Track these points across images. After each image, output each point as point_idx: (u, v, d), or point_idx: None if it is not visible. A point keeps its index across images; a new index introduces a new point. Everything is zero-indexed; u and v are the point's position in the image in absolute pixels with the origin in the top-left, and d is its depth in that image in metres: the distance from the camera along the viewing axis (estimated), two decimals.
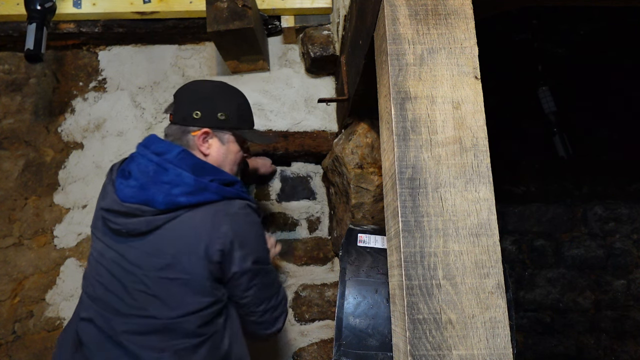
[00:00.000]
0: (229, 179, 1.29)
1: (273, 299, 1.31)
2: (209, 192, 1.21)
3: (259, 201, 2.00)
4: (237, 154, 1.39)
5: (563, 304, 2.76)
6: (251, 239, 1.26)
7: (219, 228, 1.19)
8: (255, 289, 1.27)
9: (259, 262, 1.27)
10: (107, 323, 1.20)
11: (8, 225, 1.88)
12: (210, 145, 1.33)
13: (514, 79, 2.65)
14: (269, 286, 1.31)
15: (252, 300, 1.28)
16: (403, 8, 0.83)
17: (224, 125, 1.34)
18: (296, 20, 1.92)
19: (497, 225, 0.75)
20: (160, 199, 1.18)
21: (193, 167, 1.23)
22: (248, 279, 1.25)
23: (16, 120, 1.97)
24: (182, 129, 1.32)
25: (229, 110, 1.35)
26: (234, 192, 1.27)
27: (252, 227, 1.28)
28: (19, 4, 1.82)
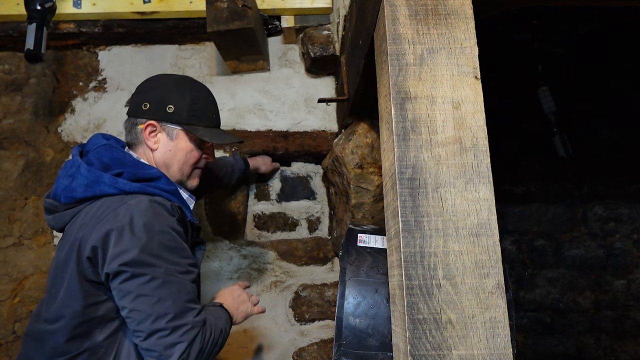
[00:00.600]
0: (146, 175, 1.17)
1: (164, 319, 1.03)
2: (102, 185, 1.11)
3: (259, 201, 2.00)
4: (189, 153, 1.27)
5: (563, 304, 2.76)
6: (134, 234, 1.04)
7: (100, 221, 1.06)
8: (132, 297, 1.04)
9: (138, 263, 1.03)
10: (29, 324, 1.19)
11: (8, 225, 1.88)
12: (157, 139, 1.24)
13: (514, 79, 2.65)
14: (157, 299, 1.04)
15: (131, 314, 1.05)
16: (403, 8, 0.83)
17: (171, 118, 1.23)
18: (296, 20, 1.92)
19: (497, 225, 0.75)
20: (60, 191, 1.16)
21: (109, 160, 1.17)
22: (120, 283, 1.04)
23: (16, 120, 1.97)
24: (131, 121, 1.25)
25: (180, 103, 1.24)
26: (137, 187, 1.12)
27: (144, 222, 1.06)
28: (19, 4, 1.82)
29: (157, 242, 1.06)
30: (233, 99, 1.97)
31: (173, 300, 1.05)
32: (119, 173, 1.14)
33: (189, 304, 1.08)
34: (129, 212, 1.06)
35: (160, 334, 1.03)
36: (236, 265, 1.90)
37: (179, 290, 1.07)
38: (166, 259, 1.06)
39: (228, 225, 1.91)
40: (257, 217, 1.99)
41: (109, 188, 1.11)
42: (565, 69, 2.69)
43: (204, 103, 1.30)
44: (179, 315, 1.05)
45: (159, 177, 1.19)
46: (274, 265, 1.91)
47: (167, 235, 1.08)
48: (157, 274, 1.04)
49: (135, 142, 1.26)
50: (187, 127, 1.24)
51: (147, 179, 1.17)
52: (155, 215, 1.08)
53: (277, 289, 1.89)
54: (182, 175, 1.28)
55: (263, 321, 1.84)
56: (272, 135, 1.94)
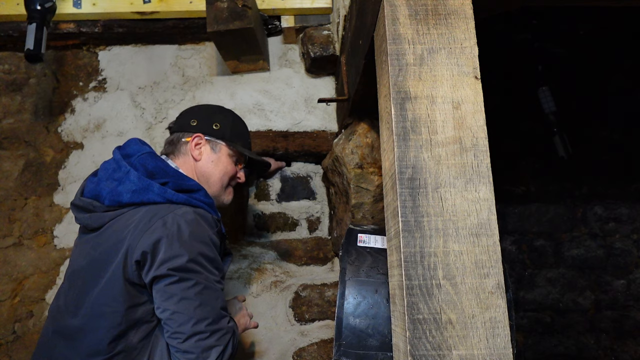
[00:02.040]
0: (187, 186, 1.24)
1: (204, 322, 1.10)
2: (151, 193, 1.18)
3: (259, 201, 2.00)
4: (229, 165, 1.41)
5: (563, 304, 2.76)
6: (182, 242, 1.11)
7: (149, 228, 1.12)
8: (176, 300, 1.10)
9: (186, 269, 1.10)
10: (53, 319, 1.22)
11: (8, 225, 1.88)
12: (202, 152, 1.37)
13: (514, 79, 2.65)
14: (198, 303, 1.11)
15: (173, 316, 1.10)
16: (403, 8, 0.83)
17: (217, 134, 1.39)
18: (296, 20, 1.92)
19: (497, 225, 0.75)
20: (105, 194, 1.20)
21: (153, 169, 1.24)
22: (166, 285, 1.10)
23: (16, 120, 1.97)
24: (178, 135, 1.38)
25: (224, 122, 1.41)
26: (183, 198, 1.20)
27: (190, 232, 1.13)
28: (19, 4, 1.82)
29: (201, 252, 1.14)
30: (233, 99, 1.97)
31: (212, 306, 1.13)
32: (165, 182, 1.22)
33: (223, 310, 1.17)
34: (176, 221, 1.13)
35: (200, 337, 1.10)
36: (236, 265, 1.90)
37: (216, 298, 1.15)
38: (206, 268, 1.15)
39: (228, 225, 1.91)
40: (257, 217, 1.99)
41: (157, 197, 1.18)
42: (565, 69, 2.68)
43: (243, 127, 1.49)
44: (216, 320, 1.13)
45: (199, 189, 1.27)
46: (274, 265, 1.92)
47: (208, 247, 1.17)
48: (200, 280, 1.12)
49: (176, 153, 1.38)
50: (230, 143, 1.40)
51: (189, 190, 1.25)
52: (199, 226, 1.17)
53: (277, 289, 1.89)
54: (222, 185, 1.40)
55: (263, 321, 1.84)
56: (272, 135, 1.94)
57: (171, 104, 1.97)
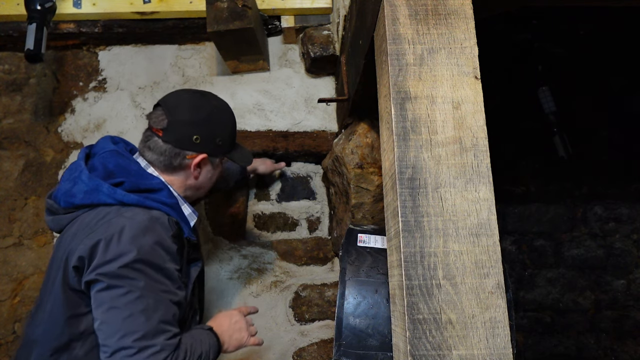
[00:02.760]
0: (146, 185, 1.15)
1: (132, 336, 0.98)
2: (101, 194, 1.10)
3: (259, 201, 2.00)
4: (218, 173, 1.34)
5: (563, 304, 2.76)
6: (119, 246, 1.02)
7: (92, 232, 1.05)
8: (105, 309, 1.00)
9: (116, 276, 1.00)
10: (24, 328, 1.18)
11: (8, 225, 1.88)
12: (201, 170, 1.26)
13: (514, 79, 2.65)
14: (128, 314, 0.99)
15: (101, 327, 1.01)
16: (403, 8, 0.83)
17: (219, 151, 1.28)
18: (296, 20, 1.92)
19: (497, 225, 0.75)
20: (60, 195, 1.15)
21: (113, 167, 1.16)
22: (96, 292, 1.01)
23: (16, 120, 1.97)
24: (176, 151, 1.21)
25: (225, 134, 1.28)
26: (134, 199, 1.11)
27: (132, 235, 1.03)
28: (19, 4, 1.82)
29: (141, 257, 1.02)
30: (233, 99, 1.97)
31: (146, 317, 1.00)
32: (120, 182, 1.13)
33: (164, 325, 1.03)
34: (120, 223, 1.05)
35: (126, 352, 0.98)
36: (236, 265, 1.90)
37: (155, 309, 1.02)
38: (147, 275, 1.02)
39: (228, 225, 1.91)
40: (257, 217, 1.99)
41: (107, 198, 1.10)
42: (565, 69, 2.68)
43: (234, 126, 1.35)
44: (149, 335, 0.99)
45: (160, 188, 1.17)
46: (274, 265, 1.91)
47: (154, 252, 1.05)
48: (134, 288, 1.00)
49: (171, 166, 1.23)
50: (229, 155, 1.32)
51: (149, 189, 1.15)
52: (146, 229, 1.06)
53: (277, 289, 1.89)
54: (207, 193, 1.33)
55: (263, 321, 1.84)
56: (272, 135, 1.94)
57: None
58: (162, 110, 1.23)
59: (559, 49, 2.69)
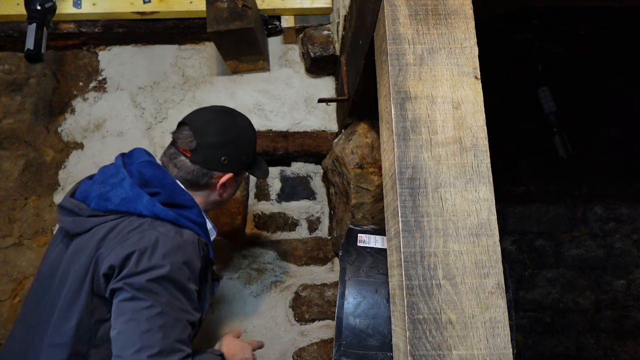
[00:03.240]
0: (180, 200, 1.17)
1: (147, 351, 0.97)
2: (139, 204, 1.10)
3: (259, 201, 2.00)
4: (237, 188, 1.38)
5: (563, 304, 2.76)
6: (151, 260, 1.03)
7: (125, 241, 1.05)
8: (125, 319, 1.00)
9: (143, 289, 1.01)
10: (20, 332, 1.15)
11: (8, 225, 1.88)
12: (226, 189, 1.30)
13: (514, 79, 2.65)
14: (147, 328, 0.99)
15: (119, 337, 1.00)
16: (403, 8, 0.83)
17: (244, 168, 1.32)
18: (296, 20, 1.92)
19: (497, 225, 0.75)
20: (93, 196, 1.14)
21: (149, 177, 1.16)
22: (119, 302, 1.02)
23: (16, 120, 1.97)
24: (203, 171, 1.24)
25: (250, 152, 1.32)
26: (171, 215, 1.12)
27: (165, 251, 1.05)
28: (19, 4, 1.82)
29: (169, 274, 1.03)
30: (233, 99, 1.97)
31: (163, 334, 1.00)
32: (155, 192, 1.14)
33: (179, 344, 1.03)
34: (154, 237, 1.06)
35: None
36: (236, 265, 1.90)
37: (173, 327, 1.02)
38: (171, 293, 1.03)
39: (228, 225, 1.91)
40: (257, 217, 1.99)
41: (144, 209, 1.11)
42: (565, 69, 2.68)
43: (256, 142, 1.38)
44: (164, 353, 0.99)
45: (192, 206, 1.19)
46: (274, 265, 1.91)
47: (182, 272, 1.06)
48: (157, 303, 1.01)
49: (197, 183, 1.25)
50: (250, 171, 1.35)
51: (182, 205, 1.17)
52: (178, 248, 1.07)
53: (277, 289, 1.89)
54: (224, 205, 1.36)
55: (263, 321, 1.84)
56: (272, 135, 1.94)
57: (171, 104, 1.97)
58: (190, 131, 1.24)
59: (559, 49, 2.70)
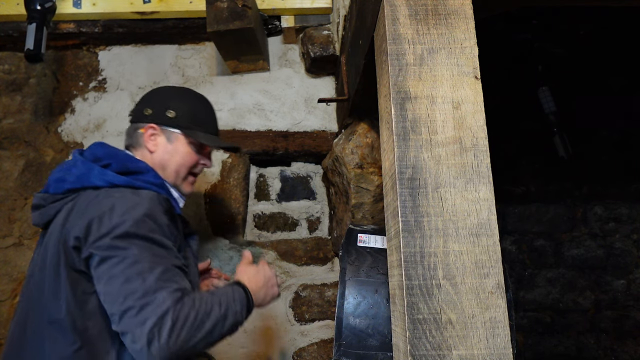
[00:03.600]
0: (134, 167, 1.19)
1: (133, 296, 0.98)
2: (93, 177, 1.13)
3: (259, 201, 2.00)
4: (186, 155, 1.31)
5: (563, 304, 2.76)
6: (112, 220, 1.03)
7: (85, 212, 1.06)
8: (104, 281, 1.01)
9: (110, 247, 1.02)
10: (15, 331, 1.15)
11: (8, 225, 1.88)
12: (156, 142, 1.28)
13: (514, 79, 2.65)
14: (124, 279, 0.99)
15: (106, 298, 1.01)
16: (403, 8, 0.83)
17: (171, 122, 1.29)
18: (296, 20, 1.92)
19: (497, 225, 0.75)
20: (51, 182, 1.19)
21: (101, 154, 1.19)
22: (94, 268, 1.03)
23: (16, 120, 1.97)
24: (134, 126, 1.31)
25: (180, 109, 1.30)
26: (124, 180, 1.14)
27: (123, 211, 1.05)
28: (19, 4, 1.82)
29: (132, 229, 1.03)
30: (233, 99, 1.97)
31: (142, 279, 0.99)
32: (108, 164, 1.16)
33: (163, 282, 1.01)
34: (110, 202, 1.06)
35: (130, 314, 0.97)
36: (236, 265, 1.90)
37: (151, 270, 1.01)
38: (139, 245, 1.03)
39: (228, 225, 1.91)
40: (257, 217, 1.99)
41: (97, 180, 1.12)
42: (565, 69, 2.68)
43: (204, 111, 1.37)
44: (149, 293, 0.98)
45: (148, 170, 1.21)
46: (274, 265, 1.92)
47: (145, 224, 1.05)
48: (127, 256, 1.01)
49: (134, 145, 1.30)
50: (187, 132, 1.30)
51: (137, 171, 1.19)
52: (136, 204, 1.07)
53: None
54: (178, 177, 1.31)
55: (263, 321, 1.84)
56: (272, 135, 1.94)
57: None
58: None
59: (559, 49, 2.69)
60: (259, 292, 1.22)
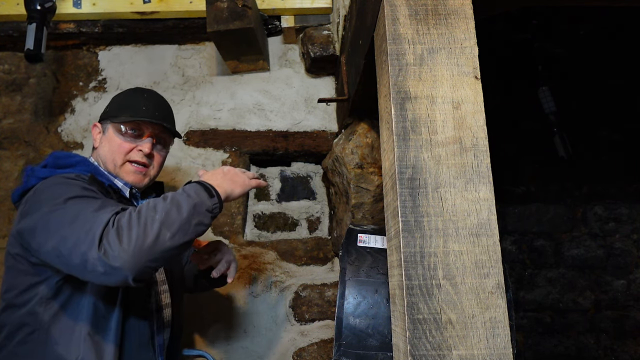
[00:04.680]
0: (65, 163, 1.26)
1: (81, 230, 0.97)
2: (32, 177, 1.21)
3: (259, 201, 2.00)
4: (118, 144, 1.29)
5: (563, 304, 2.76)
6: (33, 206, 1.10)
7: (21, 208, 1.16)
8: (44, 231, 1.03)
9: (34, 210, 1.07)
10: None
11: (8, 225, 1.88)
12: (96, 138, 1.36)
13: (514, 79, 2.65)
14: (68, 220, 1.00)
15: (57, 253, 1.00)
16: (403, 8, 0.83)
17: (105, 115, 1.35)
18: (296, 20, 1.92)
19: (497, 225, 0.75)
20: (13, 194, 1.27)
21: (48, 160, 1.26)
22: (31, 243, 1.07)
23: (16, 120, 1.97)
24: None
25: (113, 101, 1.38)
26: (47, 171, 1.21)
27: (40, 189, 1.13)
28: (19, 4, 1.82)
29: (47, 193, 1.10)
30: (233, 99, 1.97)
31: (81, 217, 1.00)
32: (45, 165, 1.24)
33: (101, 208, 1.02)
34: (37, 190, 1.14)
35: (79, 241, 0.96)
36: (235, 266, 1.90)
37: (86, 207, 1.02)
38: (63, 206, 1.04)
39: (228, 225, 1.91)
40: (257, 217, 1.99)
41: (32, 179, 1.20)
42: (565, 69, 2.68)
43: (133, 97, 1.36)
44: (90, 218, 0.99)
45: (77, 163, 1.27)
46: (274, 265, 1.91)
47: (60, 186, 1.11)
48: (60, 208, 1.03)
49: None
50: (113, 119, 1.32)
51: (66, 165, 1.25)
52: (53, 182, 1.14)
53: (277, 289, 1.89)
54: (115, 166, 1.32)
55: (263, 321, 1.84)
56: (272, 135, 1.94)
57: (171, 104, 1.97)
58: None
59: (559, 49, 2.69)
60: (220, 181, 1.15)
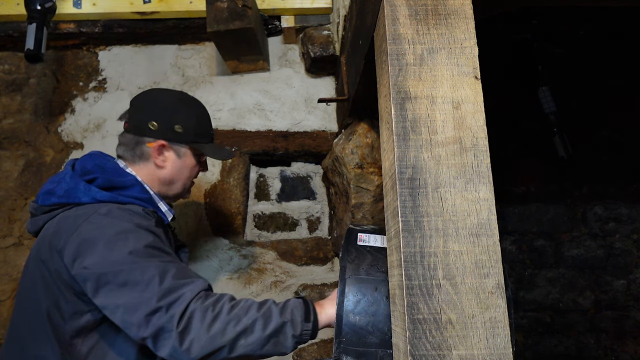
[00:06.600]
0: (118, 182, 1.19)
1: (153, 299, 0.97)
2: (79, 192, 1.13)
3: (259, 201, 2.00)
4: (193, 168, 1.33)
5: (563, 304, 2.76)
6: (98, 246, 1.03)
7: (75, 231, 1.06)
8: (113, 297, 1.00)
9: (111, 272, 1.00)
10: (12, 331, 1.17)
11: (8, 225, 1.88)
12: (166, 158, 1.27)
13: (514, 79, 2.65)
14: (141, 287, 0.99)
15: (116, 311, 1.00)
16: (403, 8, 0.83)
17: (180, 138, 1.28)
18: (296, 20, 1.92)
19: (497, 225, 0.75)
20: (40, 193, 1.19)
21: (91, 167, 1.19)
22: (95, 295, 1.02)
23: (16, 120, 1.97)
24: (136, 139, 1.26)
25: (187, 123, 1.28)
26: (108, 196, 1.14)
27: (115, 232, 1.05)
28: (19, 4, 1.82)
29: (127, 248, 1.03)
30: (233, 99, 1.97)
31: (159, 280, 0.99)
32: (93, 178, 1.16)
33: (181, 280, 1.01)
34: (100, 221, 1.06)
35: (158, 315, 0.95)
36: (236, 265, 1.90)
37: (164, 271, 1.01)
38: (138, 261, 1.02)
39: (228, 225, 1.91)
40: (257, 217, 1.99)
41: (83, 195, 1.13)
42: (565, 69, 2.68)
43: (206, 121, 1.37)
44: (172, 290, 0.98)
45: (133, 184, 1.20)
46: (274, 265, 1.91)
47: (141, 236, 1.06)
48: (130, 272, 1.00)
49: (134, 158, 1.27)
50: (194, 145, 1.30)
51: (121, 186, 1.18)
52: (126, 221, 1.07)
53: (277, 289, 1.89)
54: (184, 189, 1.33)
55: None
56: (272, 135, 1.94)
57: None
58: (130, 105, 1.31)
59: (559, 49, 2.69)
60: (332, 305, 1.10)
